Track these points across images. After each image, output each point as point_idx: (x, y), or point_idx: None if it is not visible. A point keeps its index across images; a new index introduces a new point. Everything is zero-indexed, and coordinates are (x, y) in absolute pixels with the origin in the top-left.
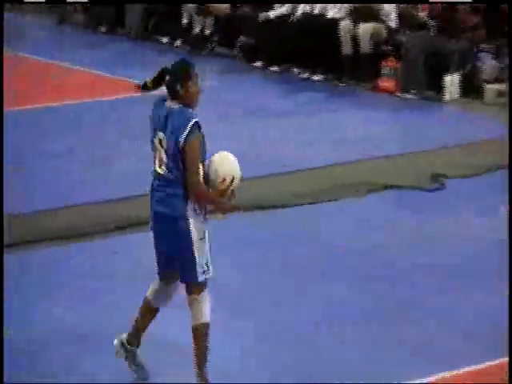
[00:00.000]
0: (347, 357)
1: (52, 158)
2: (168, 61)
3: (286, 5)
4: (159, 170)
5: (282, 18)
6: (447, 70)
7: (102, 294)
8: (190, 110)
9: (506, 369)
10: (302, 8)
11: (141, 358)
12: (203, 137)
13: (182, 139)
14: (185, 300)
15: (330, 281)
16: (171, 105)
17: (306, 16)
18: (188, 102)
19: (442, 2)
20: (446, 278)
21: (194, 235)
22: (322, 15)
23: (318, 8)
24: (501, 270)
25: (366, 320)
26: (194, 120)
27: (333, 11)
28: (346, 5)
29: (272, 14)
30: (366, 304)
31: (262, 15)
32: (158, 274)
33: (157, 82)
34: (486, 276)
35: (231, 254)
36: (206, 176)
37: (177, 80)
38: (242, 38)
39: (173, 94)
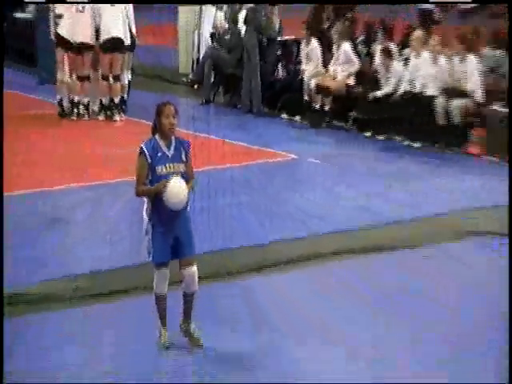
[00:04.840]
0: None
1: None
2: (293, 133)
3: (391, 84)
4: None
5: (387, 96)
6: None
7: None
8: (146, 141)
9: None
10: (403, 87)
11: (194, 333)
12: (145, 159)
13: None
14: None
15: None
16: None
17: (407, 93)
18: (160, 133)
19: (442, 3)
20: None
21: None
22: (420, 93)
23: (417, 86)
24: None
25: None
26: (140, 147)
27: (429, 89)
28: (439, 83)
29: (379, 93)
30: None
31: (371, 94)
32: (163, 265)
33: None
34: None
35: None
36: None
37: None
38: (353, 113)
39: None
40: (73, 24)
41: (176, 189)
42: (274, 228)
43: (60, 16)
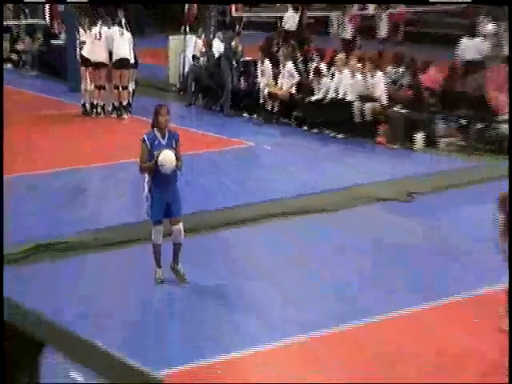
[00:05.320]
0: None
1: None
2: (252, 127)
3: (322, 92)
4: None
5: (318, 101)
6: (417, 131)
7: None
8: (146, 133)
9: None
10: (330, 94)
11: (181, 271)
12: (146, 145)
13: None
14: None
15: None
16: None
17: (333, 99)
18: (157, 127)
19: (441, 3)
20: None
21: None
22: (343, 98)
23: (340, 94)
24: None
25: None
26: (142, 137)
27: (349, 96)
28: (356, 92)
29: (313, 98)
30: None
31: (307, 99)
32: (158, 223)
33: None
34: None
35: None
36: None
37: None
38: (295, 113)
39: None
40: (92, 48)
41: (167, 156)
42: (239, 195)
43: (83, 42)
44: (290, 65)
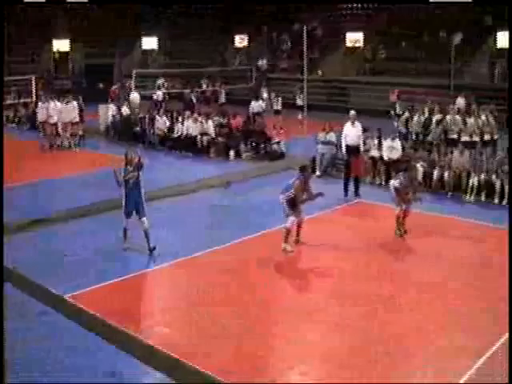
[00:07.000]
0: None
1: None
2: (145, 151)
3: (180, 131)
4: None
5: (178, 136)
6: (230, 150)
7: None
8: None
9: None
10: (184, 133)
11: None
12: (120, 172)
13: None
14: None
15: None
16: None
17: (186, 135)
18: (131, 165)
19: (441, 2)
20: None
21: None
22: (191, 134)
23: (189, 132)
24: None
25: None
26: (115, 168)
27: (194, 133)
28: (198, 131)
29: (175, 135)
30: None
31: (172, 135)
32: (127, 215)
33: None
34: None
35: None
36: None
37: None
38: (167, 143)
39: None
40: (61, 115)
41: None
42: (168, 181)
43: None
44: (164, 118)
